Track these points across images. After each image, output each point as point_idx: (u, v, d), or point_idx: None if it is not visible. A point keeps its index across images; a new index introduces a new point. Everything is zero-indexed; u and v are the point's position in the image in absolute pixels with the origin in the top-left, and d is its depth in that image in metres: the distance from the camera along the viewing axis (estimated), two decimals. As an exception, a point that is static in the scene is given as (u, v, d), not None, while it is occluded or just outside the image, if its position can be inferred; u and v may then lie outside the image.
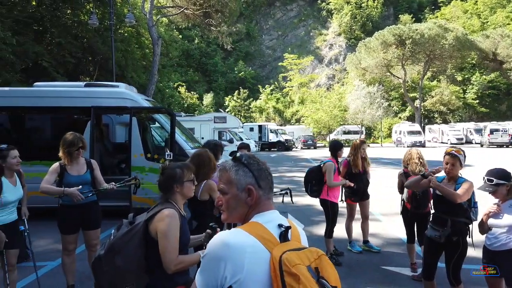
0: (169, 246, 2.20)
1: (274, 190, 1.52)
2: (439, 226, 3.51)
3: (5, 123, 8.39)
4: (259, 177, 1.39)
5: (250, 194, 1.37)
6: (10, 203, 3.64)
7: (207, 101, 54.42)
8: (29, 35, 19.85)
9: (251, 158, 1.43)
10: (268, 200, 1.40)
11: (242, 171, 1.39)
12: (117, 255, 2.14)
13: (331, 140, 6.14)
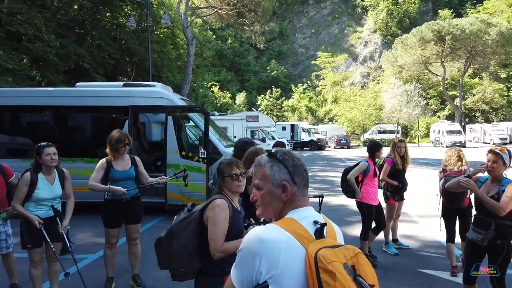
0: (215, 234, 2.32)
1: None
2: (482, 228, 3.35)
3: (49, 122, 8.82)
4: (294, 173, 1.38)
5: (285, 190, 1.36)
6: (44, 200, 3.71)
7: (239, 100, 54.82)
8: (71, 38, 20.78)
9: (286, 154, 1.42)
10: (303, 196, 1.39)
11: (277, 167, 1.38)
12: (174, 239, 2.35)
13: (369, 140, 5.96)
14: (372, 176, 5.18)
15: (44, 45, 17.19)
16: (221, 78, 56.88)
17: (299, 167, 1.40)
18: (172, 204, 7.69)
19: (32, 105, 8.40)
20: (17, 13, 16.41)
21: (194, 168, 7.64)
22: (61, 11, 21.67)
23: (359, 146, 41.44)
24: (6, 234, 4.08)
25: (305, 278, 1.19)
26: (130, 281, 4.38)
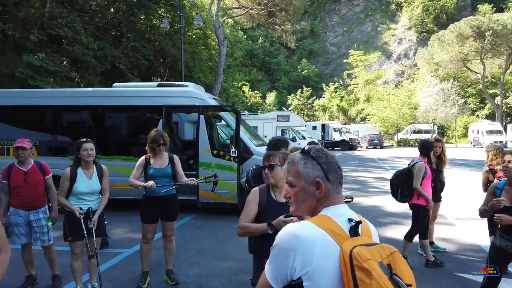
0: (243, 213, 2.68)
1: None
2: (511, 235, 3.18)
3: (88, 121, 9.19)
4: (328, 170, 1.37)
5: (319, 187, 1.36)
6: (83, 194, 3.88)
7: (270, 99, 54.84)
8: (108, 40, 21.52)
9: (320, 151, 1.42)
10: (337, 194, 1.38)
11: (311, 164, 1.38)
12: None
13: (421, 140, 5.70)
14: (429, 177, 4.93)
15: (82, 48, 17.90)
16: (252, 77, 57.11)
17: (332, 164, 1.39)
18: (203, 202, 7.81)
19: (72, 105, 8.78)
20: (58, 17, 17.17)
21: (225, 166, 7.72)
22: (99, 14, 22.48)
23: (392, 146, 40.41)
24: (47, 227, 4.30)
25: (340, 276, 1.19)
26: (164, 276, 4.49)
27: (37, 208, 4.27)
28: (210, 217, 7.73)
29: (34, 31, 16.30)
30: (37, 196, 4.27)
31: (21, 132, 8.62)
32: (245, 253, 5.29)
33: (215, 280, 4.54)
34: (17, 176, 4.17)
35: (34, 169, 4.26)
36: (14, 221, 4.20)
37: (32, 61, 15.85)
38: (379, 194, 10.47)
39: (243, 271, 4.69)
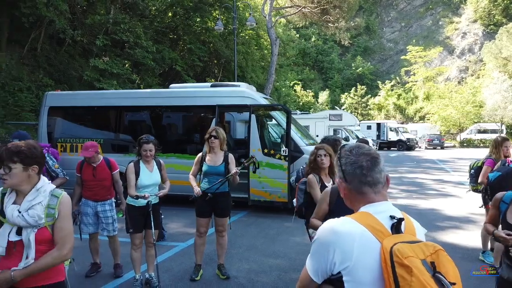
0: (315, 210, 2.91)
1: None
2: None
3: (147, 120, 9.71)
4: (346, 171, 1.40)
5: (340, 187, 1.44)
6: (145, 187, 4.15)
7: (322, 98, 54.03)
8: (166, 43, 22.52)
9: (347, 151, 1.43)
10: (364, 194, 1.37)
11: (337, 164, 1.47)
12: None
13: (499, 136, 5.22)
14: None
15: (143, 51, 18.91)
16: (304, 76, 56.67)
17: (352, 164, 1.38)
18: (254, 200, 7.94)
19: (133, 105, 9.34)
20: (120, 22, 18.29)
21: (275, 165, 7.79)
22: (158, 18, 23.61)
23: (454, 146, 38.05)
24: (112, 218, 4.65)
25: (380, 272, 1.19)
26: (215, 270, 4.65)
27: (104, 200, 4.64)
28: (260, 215, 7.83)
29: (99, 37, 17.50)
30: (104, 189, 4.64)
31: (88, 131, 9.31)
32: (295, 251, 5.36)
33: (264, 276, 4.61)
34: (87, 171, 4.58)
35: (102, 164, 4.63)
36: (84, 210, 4.61)
37: (97, 64, 17.04)
38: (437, 196, 9.95)
39: (293, 269, 4.72)
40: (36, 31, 16.63)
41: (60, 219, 2.12)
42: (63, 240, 2.09)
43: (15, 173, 2.05)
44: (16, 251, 2.04)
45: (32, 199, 2.09)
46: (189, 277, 4.45)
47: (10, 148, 2.07)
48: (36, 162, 2.12)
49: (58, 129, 9.41)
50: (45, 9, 14.62)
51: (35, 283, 2.06)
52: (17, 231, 2.07)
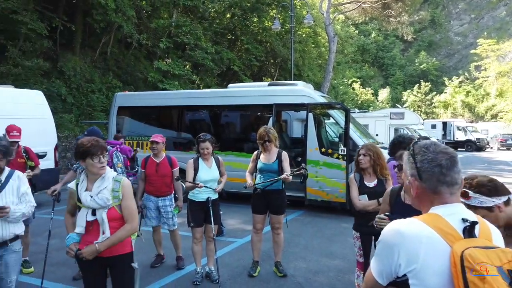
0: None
1: None
2: None
3: (206, 119, 10.03)
4: (422, 169, 1.30)
5: (412, 186, 1.34)
6: (204, 182, 4.28)
7: (382, 96, 51.99)
8: (224, 44, 23.05)
9: (422, 148, 1.34)
10: (439, 194, 1.29)
11: (409, 162, 1.37)
12: None
13: None
14: None
15: (202, 52, 19.54)
16: (363, 74, 54.90)
17: (430, 162, 1.30)
18: (311, 199, 7.87)
19: (193, 105, 9.69)
20: (182, 25, 19.05)
21: (333, 165, 7.66)
22: (217, 20, 24.25)
23: (532, 147, 34.67)
24: (172, 213, 4.87)
25: (450, 277, 1.14)
26: (272, 267, 4.69)
27: (165, 196, 4.88)
28: (317, 215, 7.75)
29: (163, 40, 18.38)
30: (165, 185, 4.88)
31: (152, 129, 9.82)
32: (353, 253, 5.22)
33: (322, 276, 4.57)
34: (151, 166, 4.85)
35: (164, 161, 4.88)
36: (146, 205, 4.88)
37: (161, 66, 17.90)
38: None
39: (351, 271, 4.61)
40: (106, 36, 17.87)
41: (125, 200, 2.61)
42: (131, 216, 2.61)
43: (104, 161, 2.58)
44: (93, 229, 2.56)
45: (99, 185, 2.57)
46: (247, 273, 4.54)
47: (100, 143, 2.58)
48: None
49: (125, 128, 10.05)
50: (114, 15, 15.66)
51: (110, 253, 2.57)
52: (92, 213, 2.56)
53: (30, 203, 2.96)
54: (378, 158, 3.54)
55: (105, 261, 2.60)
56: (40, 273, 4.66)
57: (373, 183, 3.54)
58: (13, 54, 13.60)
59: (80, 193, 2.57)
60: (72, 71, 15.95)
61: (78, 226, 2.58)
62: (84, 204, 2.55)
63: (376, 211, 3.36)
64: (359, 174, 3.63)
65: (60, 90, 14.99)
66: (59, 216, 6.84)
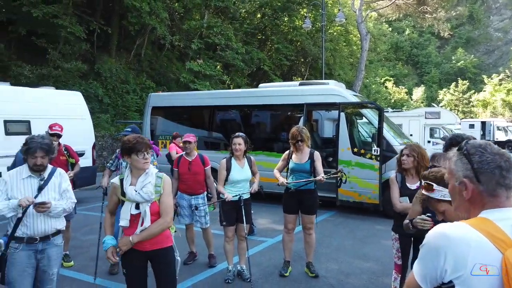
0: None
1: None
2: None
3: (237, 119, 10.08)
4: (479, 170, 1.23)
5: (466, 188, 1.25)
6: (237, 182, 4.34)
7: (417, 95, 50.37)
8: (254, 44, 23.13)
9: (477, 148, 1.27)
10: (496, 197, 1.22)
11: (461, 162, 1.28)
12: None
13: None
14: None
15: (233, 53, 19.70)
16: (396, 72, 53.43)
17: (489, 163, 1.23)
18: (342, 200, 7.75)
19: (224, 104, 9.78)
20: (213, 26, 19.29)
21: (366, 165, 7.50)
22: (247, 20, 24.37)
23: None
24: (204, 212, 4.93)
25: (501, 285, 1.07)
26: (304, 268, 4.66)
27: (197, 194, 4.95)
28: (348, 216, 7.62)
29: (194, 41, 18.68)
30: (197, 183, 4.95)
31: (184, 129, 9.98)
32: (388, 255, 5.11)
33: (354, 278, 4.49)
34: (183, 165, 4.93)
35: (196, 160, 4.96)
36: (180, 203, 4.96)
37: (192, 67, 18.21)
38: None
39: (385, 274, 4.51)
40: (140, 38, 18.38)
41: (164, 195, 2.75)
42: (166, 211, 2.73)
43: (148, 157, 2.73)
44: (136, 222, 2.67)
45: (143, 180, 2.71)
46: (279, 273, 4.53)
47: (145, 140, 2.73)
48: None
49: (159, 127, 10.29)
50: (148, 17, 16.07)
51: (153, 247, 2.71)
52: (135, 206, 2.67)
53: (70, 199, 3.09)
54: (422, 159, 3.42)
55: (147, 254, 2.72)
56: (80, 267, 4.85)
57: (415, 185, 3.43)
58: (54, 56, 14.24)
59: (125, 188, 2.69)
60: (108, 72, 16.51)
61: (122, 219, 2.69)
62: (130, 198, 2.66)
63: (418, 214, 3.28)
64: (400, 174, 3.52)
65: (97, 91, 15.56)
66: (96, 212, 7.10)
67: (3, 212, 2.79)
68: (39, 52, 14.79)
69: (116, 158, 4.96)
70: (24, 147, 2.93)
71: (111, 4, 17.94)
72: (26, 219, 2.85)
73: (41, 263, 2.94)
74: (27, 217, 2.85)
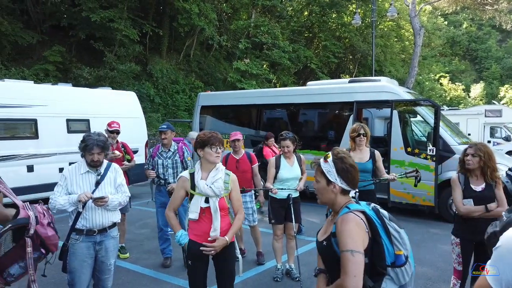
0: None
1: None
2: None
3: (284, 117, 10.04)
4: None
5: None
6: (286, 180, 4.30)
7: (475, 92, 47.35)
8: (301, 42, 22.92)
9: None
10: None
11: None
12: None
13: None
14: None
15: (279, 51, 19.66)
16: (452, 68, 50.53)
17: None
18: (395, 202, 7.45)
19: (271, 103, 9.77)
20: (261, 25, 19.36)
21: (420, 165, 7.12)
22: (294, 18, 24.21)
23: None
24: (252, 209, 4.94)
25: None
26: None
27: (245, 192, 4.96)
28: (400, 218, 7.25)
29: (242, 40, 18.86)
30: (245, 181, 4.95)
31: (232, 127, 10.12)
32: (444, 260, 4.85)
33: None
34: (231, 163, 4.98)
35: (244, 158, 4.98)
36: None
37: (239, 66, 18.40)
38: None
39: (442, 280, 4.27)
40: (189, 39, 18.88)
41: (233, 192, 2.89)
42: (240, 207, 2.92)
43: (220, 152, 2.82)
44: (205, 216, 2.75)
45: (214, 175, 2.80)
46: None
47: (218, 135, 2.83)
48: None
49: (207, 126, 10.49)
50: (198, 19, 16.47)
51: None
52: (205, 200, 2.75)
53: (125, 193, 3.22)
54: (489, 159, 3.17)
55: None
56: (134, 259, 5.06)
57: (480, 186, 3.19)
58: (110, 59, 15.02)
59: (197, 181, 2.76)
60: (159, 73, 17.14)
61: (191, 212, 2.76)
62: (201, 192, 2.73)
63: (483, 217, 3.05)
64: (463, 175, 3.29)
65: (149, 91, 16.20)
66: (149, 207, 7.38)
67: (65, 207, 2.95)
68: (97, 55, 15.68)
69: (151, 157, 4.94)
70: (82, 144, 3.06)
71: (162, 7, 18.59)
72: (85, 212, 3.00)
73: (100, 254, 3.09)
74: (86, 210, 3.00)
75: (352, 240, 1.59)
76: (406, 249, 1.68)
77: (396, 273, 1.63)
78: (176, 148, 4.84)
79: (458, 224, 3.32)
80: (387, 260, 1.63)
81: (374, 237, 1.65)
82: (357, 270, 1.54)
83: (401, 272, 1.63)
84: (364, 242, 1.62)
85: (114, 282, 3.33)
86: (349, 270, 1.54)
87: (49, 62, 14.03)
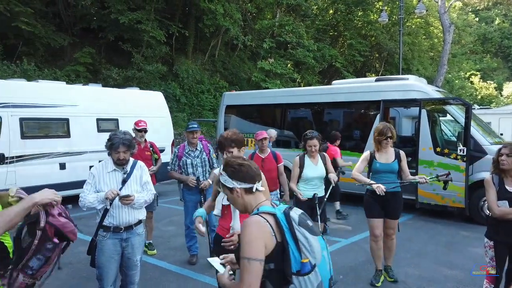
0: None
1: None
2: None
3: (308, 117, 9.97)
4: None
5: None
6: (310, 179, 4.28)
7: (508, 91, 45.47)
8: (326, 41, 22.70)
9: None
10: None
11: None
12: None
13: None
14: None
15: (304, 50, 19.53)
16: (484, 66, 48.70)
17: None
18: (423, 203, 7.27)
19: (296, 102, 9.73)
20: (285, 24, 19.30)
21: (450, 166, 6.93)
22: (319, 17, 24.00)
23: None
24: (278, 209, 4.93)
25: None
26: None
27: (270, 191, 4.96)
28: (429, 219, 7.13)
29: (266, 40, 18.86)
30: (270, 180, 4.94)
31: (256, 126, 10.14)
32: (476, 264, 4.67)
33: (437, 286, 4.17)
34: (257, 161, 4.97)
35: (269, 157, 4.99)
36: None
37: (264, 66, 18.41)
38: None
39: (473, 284, 4.14)
40: (214, 39, 19.04)
41: None
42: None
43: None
44: (227, 213, 2.75)
45: None
46: (370, 282, 4.22)
47: (228, 136, 2.83)
48: (243, 145, 2.95)
49: (232, 125, 10.54)
50: (223, 19, 16.59)
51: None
52: (227, 198, 2.68)
53: (150, 191, 3.28)
54: None
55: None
56: (161, 256, 5.16)
57: None
58: (137, 60, 15.35)
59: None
60: (185, 73, 17.37)
61: (216, 208, 2.82)
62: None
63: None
64: (498, 176, 3.18)
65: (175, 91, 16.45)
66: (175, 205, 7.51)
67: (94, 204, 3.03)
68: (125, 56, 16.07)
69: (176, 157, 4.82)
70: (108, 142, 3.11)
71: (188, 8, 18.83)
72: (112, 210, 3.07)
73: (126, 250, 3.16)
74: (113, 208, 3.07)
75: (249, 246, 1.52)
76: (315, 258, 1.57)
77: (300, 282, 1.52)
78: (201, 146, 4.88)
79: (492, 226, 3.22)
80: (292, 267, 1.54)
81: (282, 242, 1.57)
82: (252, 279, 1.49)
83: (304, 281, 1.52)
84: (267, 247, 1.54)
85: (141, 277, 3.41)
86: (244, 278, 1.49)
87: (80, 63, 14.48)
